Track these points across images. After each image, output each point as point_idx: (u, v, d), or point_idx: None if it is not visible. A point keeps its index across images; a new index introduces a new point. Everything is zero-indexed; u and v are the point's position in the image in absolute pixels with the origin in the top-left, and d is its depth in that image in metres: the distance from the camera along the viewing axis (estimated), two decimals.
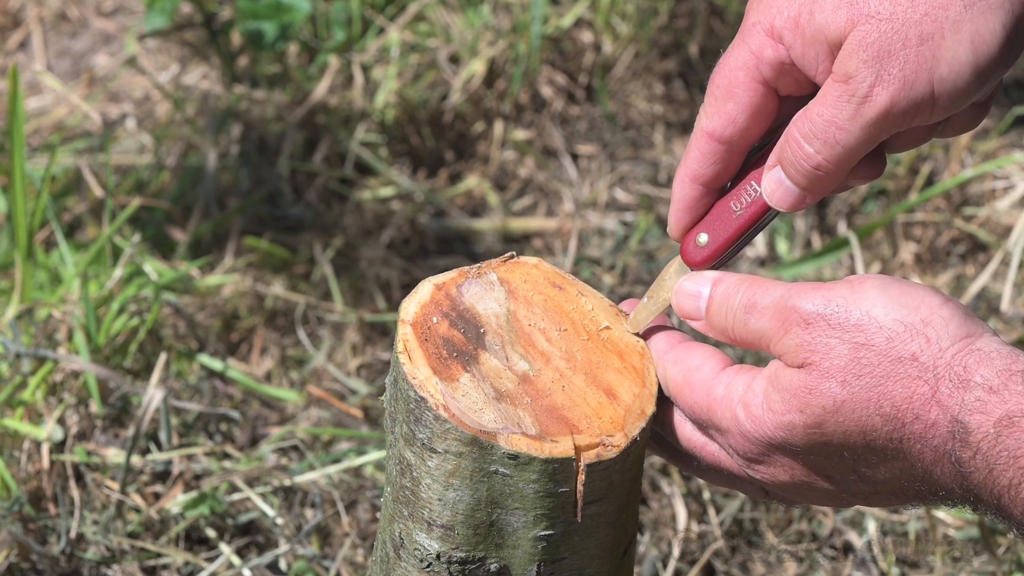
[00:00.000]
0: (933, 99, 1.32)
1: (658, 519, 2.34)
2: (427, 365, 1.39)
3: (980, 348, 1.28)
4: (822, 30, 1.34)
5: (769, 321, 1.36)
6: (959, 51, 1.30)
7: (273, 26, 2.90)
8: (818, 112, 1.35)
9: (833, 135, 1.35)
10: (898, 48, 1.30)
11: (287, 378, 2.58)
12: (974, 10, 1.29)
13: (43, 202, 2.49)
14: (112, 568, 2.19)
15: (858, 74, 1.32)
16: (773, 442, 1.35)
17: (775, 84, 1.40)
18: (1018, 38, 1.31)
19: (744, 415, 1.36)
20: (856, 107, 1.33)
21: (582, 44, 3.09)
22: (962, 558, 2.27)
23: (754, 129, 1.42)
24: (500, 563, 1.42)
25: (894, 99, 1.32)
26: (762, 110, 1.41)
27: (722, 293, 1.41)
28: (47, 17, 3.35)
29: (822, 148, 1.36)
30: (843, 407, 1.31)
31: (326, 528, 2.29)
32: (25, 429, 2.26)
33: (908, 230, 2.86)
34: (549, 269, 1.51)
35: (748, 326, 1.38)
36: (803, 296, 1.34)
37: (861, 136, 1.34)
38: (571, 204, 2.92)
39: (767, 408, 1.34)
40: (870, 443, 1.31)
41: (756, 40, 1.38)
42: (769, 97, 1.41)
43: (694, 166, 1.45)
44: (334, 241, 2.79)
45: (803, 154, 1.37)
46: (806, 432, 1.33)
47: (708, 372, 1.40)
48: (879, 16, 1.31)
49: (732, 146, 1.43)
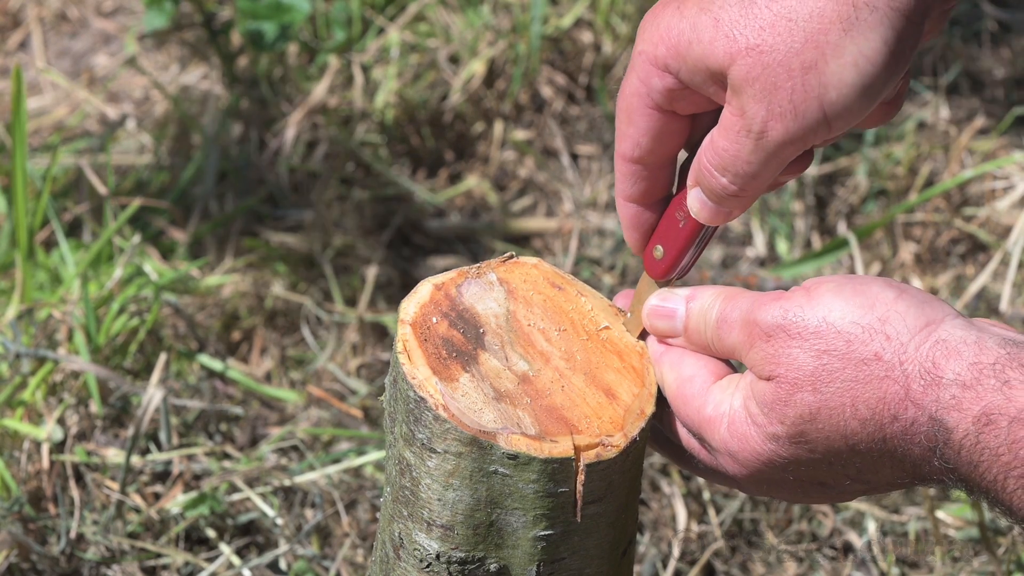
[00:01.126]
0: (827, 122, 1.31)
1: (658, 519, 2.34)
2: (427, 365, 1.39)
3: (944, 339, 1.28)
4: (703, 60, 1.33)
5: (738, 335, 1.36)
6: (844, 75, 1.29)
7: (273, 26, 2.90)
8: (722, 146, 1.35)
9: (740, 167, 1.35)
10: (783, 80, 1.30)
11: (287, 378, 2.58)
12: (854, 32, 1.28)
13: (44, 202, 2.49)
14: (112, 568, 2.19)
15: (749, 110, 1.32)
16: (761, 457, 1.35)
17: (670, 108, 1.40)
18: (902, 51, 1.29)
19: (729, 435, 1.36)
20: (755, 141, 1.33)
21: (582, 44, 3.09)
22: (962, 558, 2.27)
23: (663, 149, 1.43)
24: (500, 563, 1.42)
25: (788, 130, 1.31)
26: (664, 131, 1.41)
27: (698, 310, 1.42)
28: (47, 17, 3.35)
29: (734, 179, 1.36)
30: (819, 415, 1.31)
31: (326, 528, 2.29)
32: (25, 429, 2.26)
33: (908, 230, 2.86)
34: (549, 269, 1.51)
35: (723, 341, 1.39)
36: (763, 309, 1.34)
37: (766, 165, 1.34)
38: (571, 204, 2.92)
39: (751, 422, 1.35)
40: (854, 447, 1.31)
41: (643, 69, 1.38)
42: (669, 120, 1.41)
43: (621, 186, 1.46)
44: (334, 241, 2.79)
45: (717, 184, 1.38)
46: (790, 443, 1.33)
47: (699, 385, 1.41)
48: (759, 48, 1.30)
49: (647, 165, 1.44)
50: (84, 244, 2.74)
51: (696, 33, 1.33)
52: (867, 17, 1.28)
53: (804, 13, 1.29)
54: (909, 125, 2.96)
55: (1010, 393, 1.23)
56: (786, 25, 1.29)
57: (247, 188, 2.88)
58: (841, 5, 1.28)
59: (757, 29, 1.30)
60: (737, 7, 1.31)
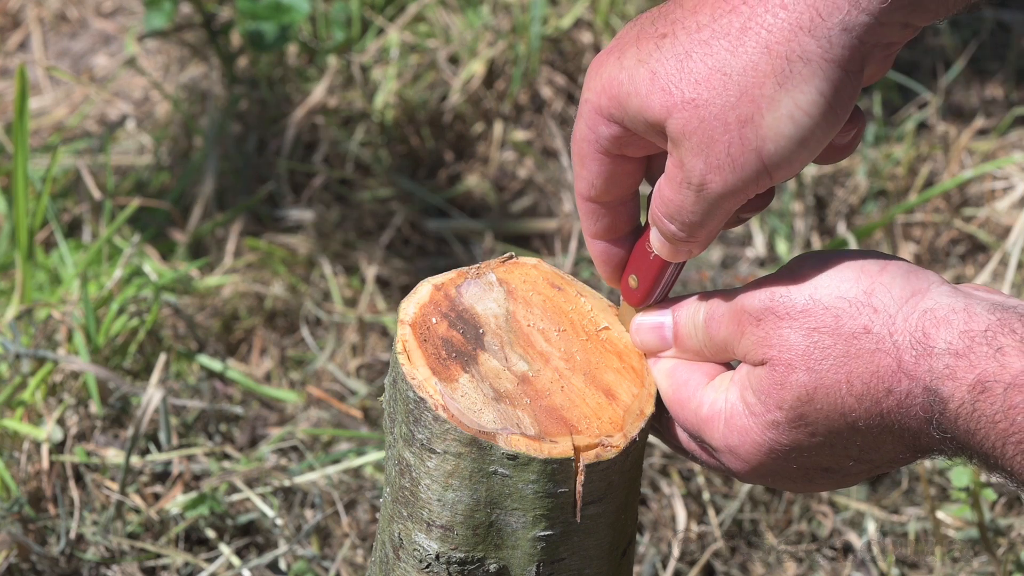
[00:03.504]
0: (768, 173, 1.31)
1: (658, 519, 2.34)
2: (426, 366, 1.39)
3: (932, 308, 1.27)
4: (641, 113, 1.33)
5: (727, 327, 1.36)
6: (781, 127, 1.28)
7: (273, 26, 2.90)
8: (668, 196, 1.35)
9: (685, 217, 1.35)
10: (720, 133, 1.29)
11: (287, 379, 2.58)
12: (788, 85, 1.27)
13: (44, 202, 2.49)
14: (112, 569, 2.19)
15: (688, 163, 1.32)
16: (763, 448, 1.35)
17: (619, 152, 1.40)
18: (839, 101, 1.28)
19: (728, 431, 1.36)
20: (696, 194, 1.33)
21: (582, 45, 3.09)
22: (962, 558, 2.27)
23: (618, 190, 1.43)
24: (499, 563, 1.42)
25: (727, 183, 1.31)
26: (617, 173, 1.41)
27: (685, 317, 1.42)
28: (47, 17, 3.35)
29: (683, 227, 1.36)
30: (816, 394, 1.31)
31: (326, 529, 2.29)
32: (25, 430, 2.26)
33: (908, 231, 2.86)
34: (548, 270, 1.51)
35: (713, 340, 1.39)
36: (750, 295, 1.34)
37: (709, 216, 1.35)
38: (571, 204, 2.92)
39: (749, 413, 1.35)
40: (853, 425, 1.31)
41: (590, 117, 1.38)
42: (620, 162, 1.41)
43: (585, 224, 1.46)
44: (334, 241, 2.79)
45: (668, 230, 1.38)
46: (791, 427, 1.33)
47: (694, 387, 1.41)
48: (695, 103, 1.30)
49: (604, 205, 1.44)
50: (84, 244, 2.74)
51: (634, 86, 1.33)
52: (801, 70, 1.27)
53: (738, 67, 1.28)
54: (909, 125, 2.96)
55: (1004, 360, 1.23)
56: (720, 79, 1.29)
57: (247, 188, 2.88)
58: (774, 59, 1.27)
59: (693, 83, 1.30)
60: (673, 60, 1.31)
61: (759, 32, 1.28)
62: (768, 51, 1.27)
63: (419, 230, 2.89)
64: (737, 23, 1.29)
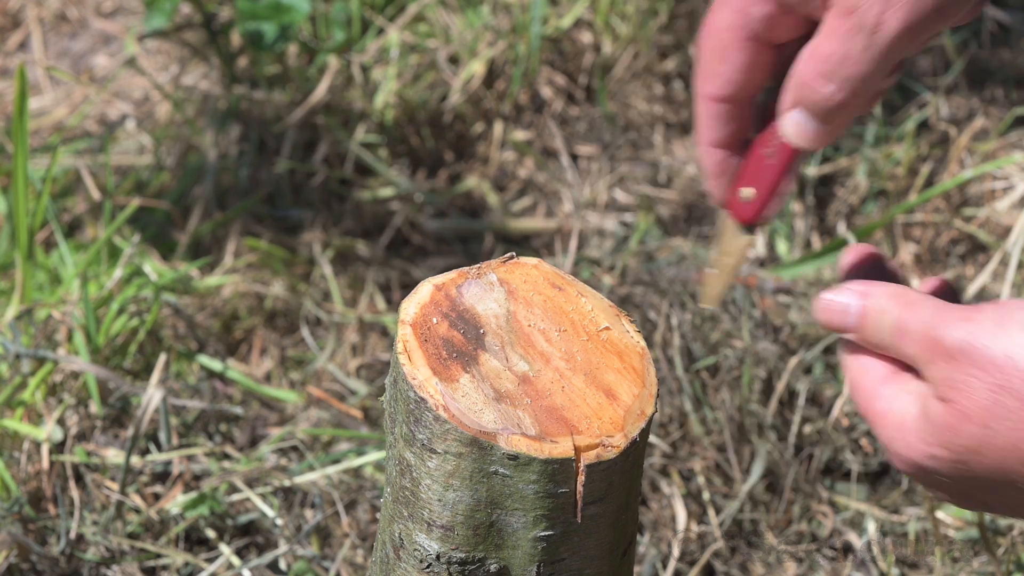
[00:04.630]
0: (941, 9, 1.29)
1: (658, 520, 2.34)
2: (427, 366, 1.39)
3: None
4: None
5: (918, 348, 1.32)
6: None
7: (273, 27, 2.90)
8: (829, 50, 1.32)
9: (849, 70, 1.32)
10: None
11: (287, 379, 2.58)
12: None
13: (43, 202, 2.49)
14: (112, 569, 2.19)
15: (863, 4, 1.29)
16: (921, 468, 1.32)
17: (767, 37, 1.37)
18: None
19: (898, 437, 1.33)
20: (868, 37, 1.30)
21: (582, 44, 3.09)
22: (962, 558, 2.27)
23: (753, 85, 1.40)
24: (500, 564, 1.42)
25: (907, 18, 1.29)
26: (758, 63, 1.39)
27: (873, 309, 1.37)
28: (47, 18, 3.35)
29: (842, 85, 1.33)
30: (984, 449, 1.27)
31: (326, 529, 2.29)
32: (25, 430, 2.26)
33: (908, 231, 2.86)
34: (549, 270, 1.51)
35: (900, 349, 1.34)
36: (949, 325, 1.29)
37: (878, 64, 1.31)
38: (571, 205, 2.92)
39: (919, 437, 1.32)
40: (1013, 483, 1.28)
41: (739, 0, 1.36)
42: (763, 50, 1.38)
43: (707, 132, 1.42)
44: (334, 241, 2.79)
45: (823, 95, 1.35)
46: (952, 465, 1.30)
47: (874, 378, 1.37)
48: None
49: (738, 102, 1.41)
50: (84, 244, 2.74)
51: None
52: None
53: None
54: (909, 125, 2.96)
55: None
56: None
57: (247, 188, 2.88)
58: None
59: None
60: None
61: None
62: None
63: (419, 230, 2.89)
64: None
